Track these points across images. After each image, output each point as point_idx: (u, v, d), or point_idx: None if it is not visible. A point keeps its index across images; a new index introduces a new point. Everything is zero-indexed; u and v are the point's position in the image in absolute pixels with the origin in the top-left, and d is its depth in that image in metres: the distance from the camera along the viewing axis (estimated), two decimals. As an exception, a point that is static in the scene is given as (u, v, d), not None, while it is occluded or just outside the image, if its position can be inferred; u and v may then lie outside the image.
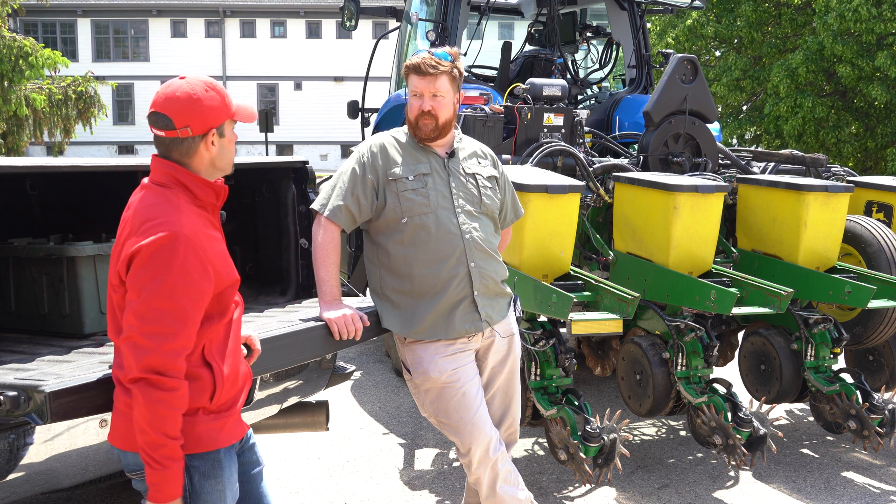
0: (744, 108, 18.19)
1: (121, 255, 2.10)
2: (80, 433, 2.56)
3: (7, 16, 15.99)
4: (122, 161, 3.22)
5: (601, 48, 7.45)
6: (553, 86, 5.61)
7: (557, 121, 5.40)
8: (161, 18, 35.04)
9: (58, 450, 2.53)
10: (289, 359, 2.91)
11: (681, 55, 5.27)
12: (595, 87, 7.46)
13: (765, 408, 4.13)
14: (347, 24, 7.06)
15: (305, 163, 3.77)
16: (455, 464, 4.54)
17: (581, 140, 5.48)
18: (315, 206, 3.06)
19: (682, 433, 5.07)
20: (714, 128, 5.56)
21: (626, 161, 5.27)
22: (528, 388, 4.05)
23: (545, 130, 5.37)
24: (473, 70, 7.25)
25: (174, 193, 2.16)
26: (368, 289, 3.26)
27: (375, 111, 7.13)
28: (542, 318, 4.23)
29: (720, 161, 5.56)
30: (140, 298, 2.03)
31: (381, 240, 3.07)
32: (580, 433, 3.83)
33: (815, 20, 14.72)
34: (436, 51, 3.07)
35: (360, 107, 7.59)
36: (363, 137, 6.99)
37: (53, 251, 3.15)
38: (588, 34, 7.52)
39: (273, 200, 3.78)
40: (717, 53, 18.45)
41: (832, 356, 4.55)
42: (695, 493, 4.19)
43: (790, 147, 15.09)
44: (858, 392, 4.40)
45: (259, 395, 3.17)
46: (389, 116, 6.49)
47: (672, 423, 5.23)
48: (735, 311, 4.10)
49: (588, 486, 4.22)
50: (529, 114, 5.33)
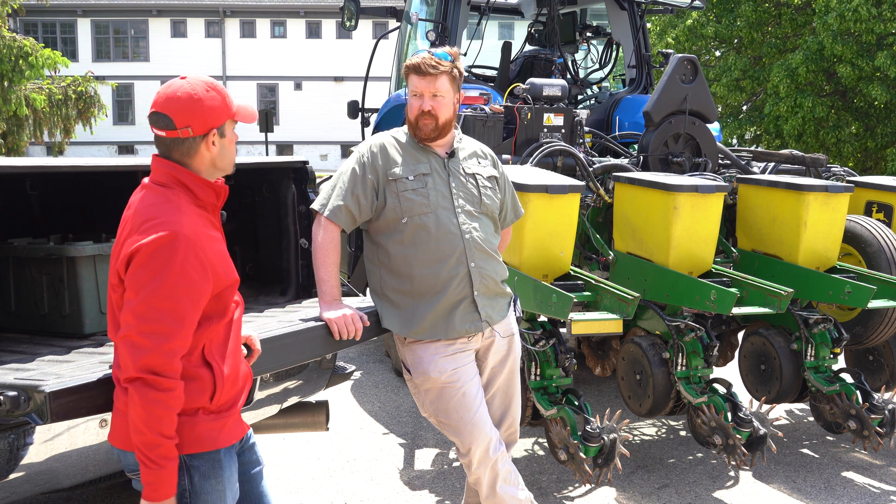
0: (744, 109, 18.18)
1: (120, 254, 2.10)
2: (80, 433, 2.56)
3: (7, 16, 15.99)
4: (122, 161, 3.22)
5: (601, 48, 7.45)
6: (553, 86, 5.61)
7: (557, 121, 5.40)
8: (161, 18, 35.05)
9: (58, 450, 2.53)
10: (289, 359, 2.91)
11: (681, 55, 5.27)
12: (595, 87, 7.46)
13: (765, 408, 4.13)
14: (347, 24, 7.06)
15: (305, 163, 3.77)
16: (455, 464, 4.53)
17: (581, 140, 5.48)
18: (315, 206, 3.06)
19: (682, 433, 5.07)
20: (714, 128, 5.56)
21: (626, 161, 5.27)
22: (528, 388, 4.05)
23: (545, 130, 5.37)
24: (473, 70, 7.25)
25: (175, 193, 2.16)
26: (368, 289, 3.26)
27: (375, 111, 7.13)
28: (542, 318, 4.23)
29: (720, 161, 5.56)
30: (139, 297, 2.03)
31: (381, 240, 3.07)
32: (580, 433, 3.84)
33: (815, 20, 14.72)
34: (436, 51, 3.07)
35: (360, 107, 7.59)
36: (363, 137, 6.98)
37: (53, 251, 3.15)
38: (588, 34, 7.52)
39: (273, 200, 3.78)
40: (717, 53, 18.44)
41: (832, 356, 4.56)
42: (695, 493, 4.19)
43: (790, 147, 15.09)
44: (858, 392, 4.40)
45: (259, 395, 3.18)
46: (389, 116, 6.49)
47: (672, 423, 5.23)
48: (735, 311, 4.10)
49: (588, 486, 4.22)
50: (529, 114, 5.33)
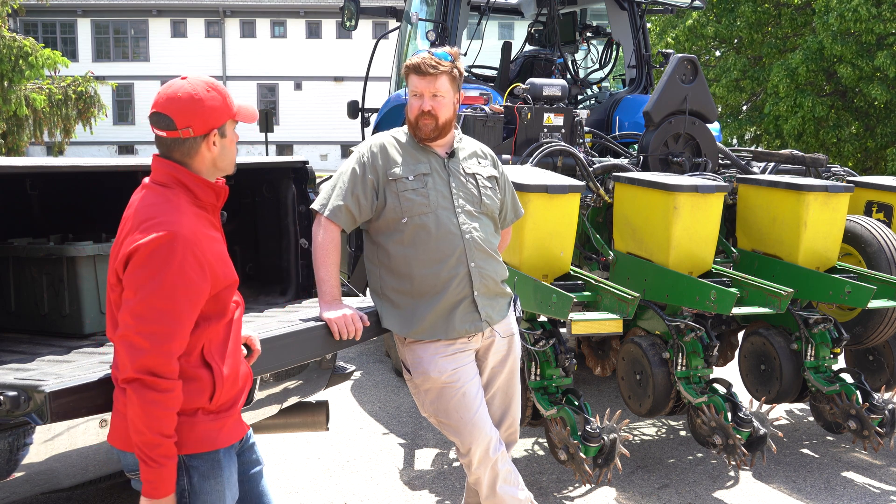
0: (744, 109, 18.18)
1: (119, 254, 2.10)
2: (80, 433, 2.56)
3: (7, 16, 15.99)
4: (122, 161, 3.22)
5: (601, 48, 7.45)
6: (553, 86, 5.61)
7: (557, 121, 5.40)
8: (161, 18, 35.05)
9: (58, 450, 2.53)
10: (289, 359, 2.91)
11: (681, 55, 5.27)
12: (595, 87, 7.46)
13: (765, 408, 4.13)
14: (347, 24, 7.06)
15: (305, 163, 3.77)
16: (455, 464, 4.53)
17: (581, 140, 5.48)
18: (315, 206, 3.06)
19: (682, 433, 5.07)
20: (714, 128, 5.56)
21: (626, 161, 5.27)
22: (528, 388, 4.05)
23: (545, 130, 5.37)
24: (473, 70, 7.25)
25: (174, 193, 2.16)
26: (368, 289, 3.26)
27: (375, 111, 7.13)
28: (542, 318, 4.23)
29: (720, 161, 5.56)
30: (137, 297, 2.03)
31: (381, 240, 3.07)
32: (580, 433, 3.84)
33: (815, 20, 14.71)
34: (436, 51, 3.07)
35: (360, 107, 7.59)
36: (363, 137, 6.98)
37: (53, 251, 3.15)
38: (588, 34, 7.52)
39: (273, 200, 3.78)
40: (717, 53, 18.44)
41: (832, 356, 4.55)
42: (695, 493, 4.19)
43: (790, 147, 15.09)
44: (858, 392, 4.40)
45: (259, 395, 3.18)
46: (389, 116, 6.49)
47: (672, 423, 5.23)
48: (735, 311, 4.10)
49: (588, 486, 4.22)
50: (529, 114, 5.33)
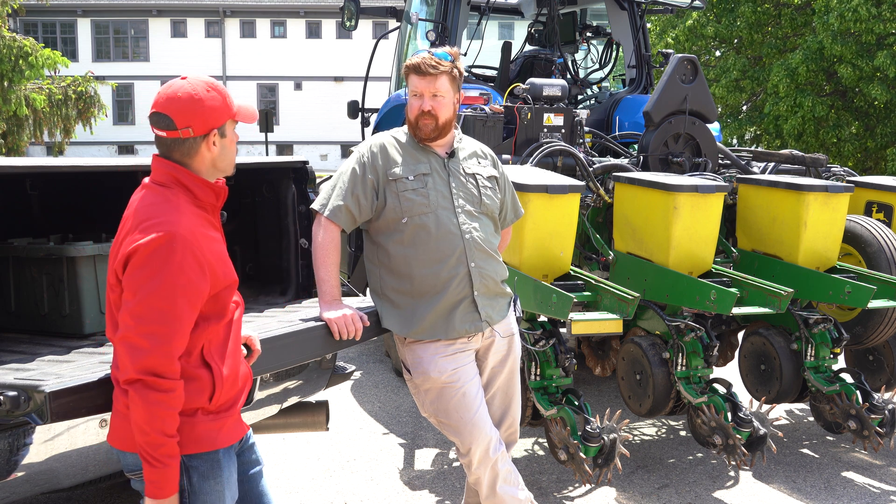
0: (743, 109, 18.18)
1: (118, 254, 2.10)
2: (80, 433, 2.56)
3: (7, 16, 15.99)
4: (122, 161, 3.22)
5: (601, 48, 7.45)
6: (553, 86, 5.61)
7: (557, 121, 5.40)
8: (161, 18, 35.04)
9: (58, 450, 2.53)
10: (289, 359, 2.90)
11: (681, 55, 5.27)
12: (595, 87, 7.46)
13: (765, 408, 4.13)
14: (347, 24, 7.06)
15: (305, 163, 3.77)
16: (455, 464, 4.53)
17: (581, 140, 5.48)
18: (315, 206, 3.06)
19: (682, 433, 5.07)
20: (714, 128, 5.56)
21: (626, 161, 5.27)
22: (528, 388, 4.05)
23: (545, 130, 5.37)
24: (473, 70, 7.25)
25: (174, 193, 2.16)
26: (368, 289, 3.26)
27: (375, 111, 7.13)
28: (542, 318, 4.22)
29: (720, 161, 5.56)
30: (136, 298, 2.03)
31: (381, 240, 3.07)
32: (580, 433, 3.83)
33: (815, 20, 14.71)
34: (436, 51, 3.07)
35: (360, 107, 7.59)
36: (363, 137, 6.98)
37: (53, 251, 3.15)
38: (588, 34, 7.52)
39: (273, 200, 3.78)
40: (717, 53, 18.44)
41: (832, 356, 4.55)
42: (695, 493, 4.19)
43: (790, 147, 15.09)
44: (858, 392, 4.40)
45: (259, 395, 3.18)
46: (389, 116, 6.49)
47: (672, 423, 5.23)
48: (735, 311, 4.10)
49: (588, 486, 4.22)
50: (529, 114, 5.33)
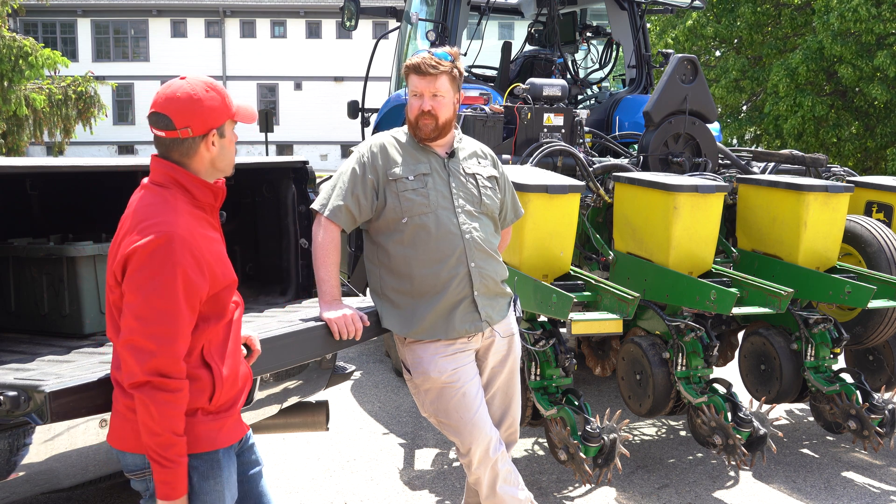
0: (743, 109, 18.17)
1: (117, 255, 2.10)
2: (80, 433, 2.56)
3: (7, 16, 15.99)
4: (122, 161, 3.22)
5: (601, 48, 7.45)
6: (553, 86, 5.61)
7: (557, 121, 5.40)
8: (161, 18, 35.04)
9: (58, 450, 2.53)
10: (289, 359, 2.91)
11: (681, 55, 5.27)
12: (595, 87, 7.46)
13: (765, 408, 4.13)
14: (347, 24, 7.06)
15: (305, 163, 3.77)
16: (455, 464, 4.53)
17: (581, 140, 5.48)
18: (315, 206, 3.06)
19: (682, 433, 5.07)
20: (714, 128, 5.56)
21: (626, 161, 5.27)
22: (528, 388, 4.05)
23: (545, 130, 5.37)
24: (473, 70, 7.25)
25: (172, 194, 2.16)
26: (368, 289, 3.26)
27: (375, 111, 7.13)
28: (542, 318, 4.22)
29: (720, 161, 5.56)
30: (138, 300, 2.03)
31: (381, 240, 3.07)
32: (580, 433, 3.83)
33: (815, 20, 14.71)
34: (436, 51, 3.07)
35: (360, 107, 7.59)
36: (363, 137, 6.98)
37: (53, 251, 3.15)
38: (588, 34, 7.52)
39: (273, 200, 3.78)
40: (717, 54, 18.44)
41: (832, 356, 4.55)
42: (695, 493, 4.19)
43: (790, 147, 15.09)
44: (858, 392, 4.40)
45: (259, 395, 3.18)
46: (389, 116, 6.49)
47: (672, 423, 5.23)
48: (735, 311, 4.10)
49: (588, 486, 4.22)
50: (529, 114, 5.33)
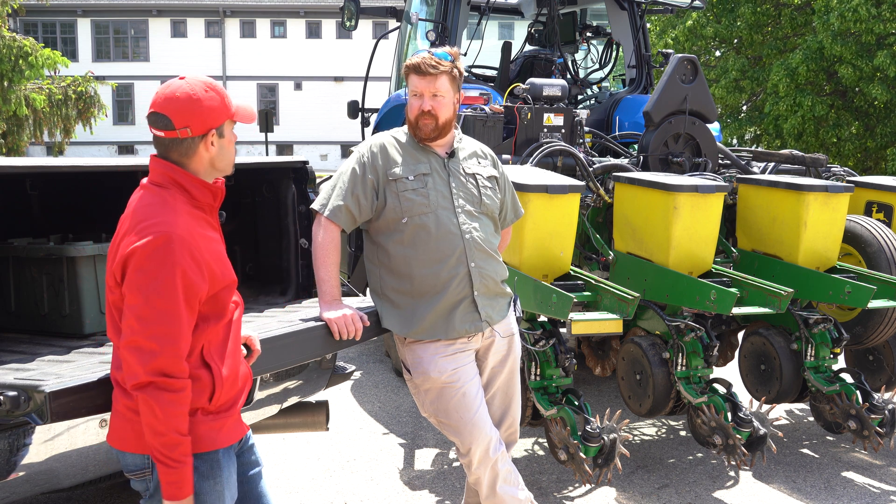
0: (743, 109, 18.17)
1: (116, 256, 2.10)
2: (80, 433, 2.56)
3: (7, 16, 15.99)
4: (122, 161, 3.22)
5: (601, 48, 7.45)
6: (553, 86, 5.61)
7: (557, 121, 5.40)
8: (161, 18, 35.04)
9: (58, 450, 2.53)
10: (289, 359, 2.90)
11: (681, 55, 5.27)
12: (595, 87, 7.46)
13: (765, 408, 4.13)
14: (347, 24, 7.06)
15: (305, 163, 3.77)
16: (455, 464, 4.53)
17: (581, 140, 5.48)
18: (315, 206, 3.06)
19: (682, 433, 5.07)
20: (714, 128, 5.56)
21: (626, 161, 5.27)
22: (528, 388, 4.05)
23: (545, 130, 5.37)
24: (473, 70, 7.25)
25: (171, 194, 2.16)
26: (368, 289, 3.26)
27: (375, 111, 7.13)
28: (542, 318, 4.22)
29: (720, 161, 5.56)
30: (139, 301, 2.03)
31: (381, 240, 3.07)
32: (580, 433, 3.83)
33: (815, 20, 14.71)
34: (436, 51, 3.07)
35: (360, 107, 7.59)
36: (363, 137, 6.98)
37: (53, 251, 3.15)
38: (588, 34, 7.52)
39: (273, 200, 3.78)
40: (717, 54, 18.43)
41: (832, 356, 4.55)
42: (695, 493, 4.19)
43: (790, 147, 15.09)
44: (858, 392, 4.40)
45: (259, 395, 3.17)
46: (389, 116, 6.49)
47: (672, 423, 5.23)
48: (735, 311, 4.10)
49: (588, 486, 4.22)
50: (529, 114, 5.33)
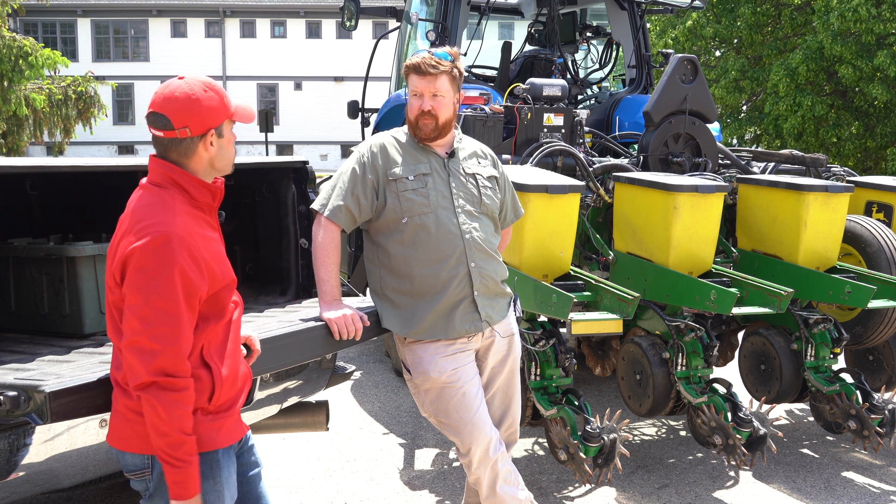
0: (743, 109, 18.17)
1: (115, 256, 2.10)
2: (80, 433, 2.56)
3: (7, 16, 15.99)
4: (122, 161, 3.22)
5: (601, 48, 7.45)
6: (553, 86, 5.61)
7: (557, 121, 5.40)
8: (161, 18, 35.04)
9: (58, 450, 2.53)
10: (289, 359, 2.91)
11: (681, 55, 5.27)
12: (595, 87, 7.46)
13: (765, 408, 4.13)
14: (347, 24, 7.06)
15: (305, 163, 3.77)
16: (455, 464, 4.53)
17: (581, 140, 5.48)
18: (315, 206, 3.06)
19: (682, 433, 5.07)
20: (714, 128, 5.56)
21: (626, 161, 5.27)
22: (528, 388, 4.05)
23: (545, 130, 5.37)
24: (473, 70, 7.25)
25: (170, 194, 2.16)
26: (368, 289, 3.26)
27: (375, 111, 7.13)
28: (542, 318, 4.22)
29: (720, 161, 5.56)
30: (139, 301, 2.03)
31: (381, 240, 3.07)
32: (580, 433, 3.83)
33: (815, 20, 14.70)
34: (436, 51, 3.07)
35: (360, 107, 7.59)
36: (363, 137, 6.98)
37: (53, 251, 3.15)
38: (588, 34, 7.52)
39: (273, 200, 3.78)
40: (717, 54, 18.43)
41: (832, 356, 4.55)
42: (695, 493, 4.19)
43: (790, 147, 15.09)
44: (858, 392, 4.40)
45: (259, 395, 3.17)
46: (389, 116, 6.49)
47: (672, 423, 5.23)
48: (735, 311, 4.10)
49: (588, 486, 4.22)
50: (529, 114, 5.33)
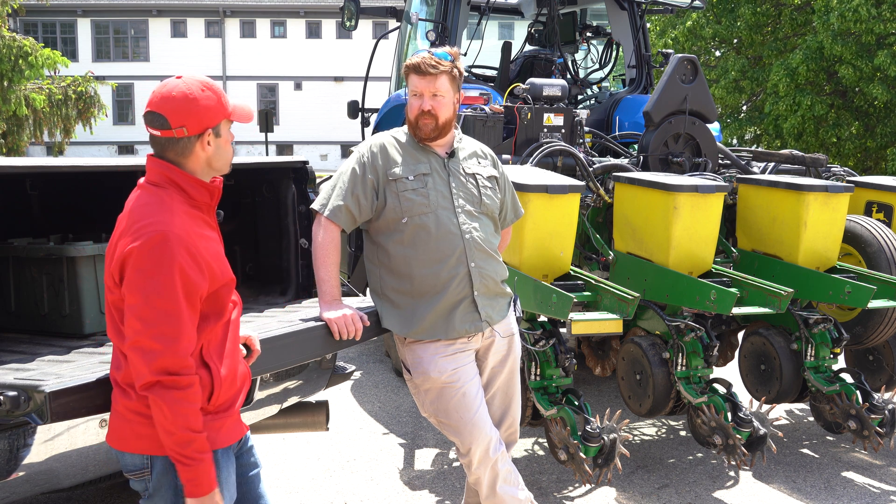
0: (743, 109, 18.16)
1: (114, 257, 2.10)
2: (80, 433, 2.56)
3: (7, 16, 15.99)
4: (122, 161, 3.22)
5: (601, 48, 7.45)
6: (553, 86, 5.61)
7: (557, 121, 5.40)
8: (161, 18, 35.05)
9: (58, 450, 2.53)
10: (289, 359, 2.91)
11: (681, 55, 5.27)
12: (595, 87, 7.46)
13: (765, 408, 4.13)
14: (347, 24, 7.06)
15: (305, 163, 3.77)
16: (455, 464, 4.53)
17: (581, 140, 5.48)
18: (315, 206, 3.06)
19: (682, 433, 5.07)
20: (714, 128, 5.56)
21: (626, 161, 5.27)
22: (528, 388, 4.05)
23: (545, 130, 5.37)
24: (473, 70, 7.25)
25: (168, 194, 2.16)
26: (368, 289, 3.26)
27: (375, 111, 7.14)
28: (542, 318, 4.23)
29: (720, 161, 5.56)
30: (139, 301, 2.03)
31: (381, 240, 3.07)
32: (580, 433, 3.84)
33: (815, 19, 14.70)
34: (436, 51, 3.08)
35: (360, 107, 7.59)
36: (363, 137, 6.98)
37: (53, 251, 3.15)
38: (588, 34, 7.52)
39: (273, 200, 3.78)
40: (717, 54, 18.43)
41: (832, 356, 4.56)
42: (695, 493, 4.19)
43: (790, 147, 15.08)
44: (858, 392, 4.40)
45: (259, 395, 3.17)
46: (389, 116, 6.50)
47: (672, 423, 5.23)
48: (735, 311, 4.10)
49: (588, 486, 4.22)
50: (529, 114, 5.33)
